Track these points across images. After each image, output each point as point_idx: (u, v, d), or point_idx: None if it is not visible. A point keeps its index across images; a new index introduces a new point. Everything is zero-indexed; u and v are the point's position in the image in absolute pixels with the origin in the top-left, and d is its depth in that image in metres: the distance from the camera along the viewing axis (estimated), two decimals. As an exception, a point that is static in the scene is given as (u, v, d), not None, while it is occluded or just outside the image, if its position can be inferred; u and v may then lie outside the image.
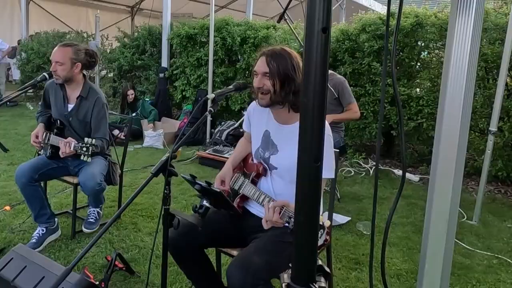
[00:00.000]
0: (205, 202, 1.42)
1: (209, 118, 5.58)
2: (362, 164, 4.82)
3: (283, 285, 0.68)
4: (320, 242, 1.21)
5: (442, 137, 1.06)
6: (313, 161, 0.62)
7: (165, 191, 1.28)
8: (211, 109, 1.46)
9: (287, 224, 1.41)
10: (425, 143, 4.71)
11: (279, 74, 1.59)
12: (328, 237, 1.28)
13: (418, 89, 4.70)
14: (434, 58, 4.72)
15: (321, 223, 1.24)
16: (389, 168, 4.74)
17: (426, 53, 4.78)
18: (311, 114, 0.61)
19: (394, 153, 5.18)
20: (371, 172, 4.62)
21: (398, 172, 4.61)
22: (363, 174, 4.57)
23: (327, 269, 0.69)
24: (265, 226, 1.49)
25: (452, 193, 1.06)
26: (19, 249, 1.93)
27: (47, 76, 2.46)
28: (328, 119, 3.24)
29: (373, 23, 4.72)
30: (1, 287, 1.82)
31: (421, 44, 4.61)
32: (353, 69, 4.81)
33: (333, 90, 3.29)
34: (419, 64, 4.84)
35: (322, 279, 0.67)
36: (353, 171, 4.65)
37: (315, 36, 0.58)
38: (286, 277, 0.68)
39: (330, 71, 3.50)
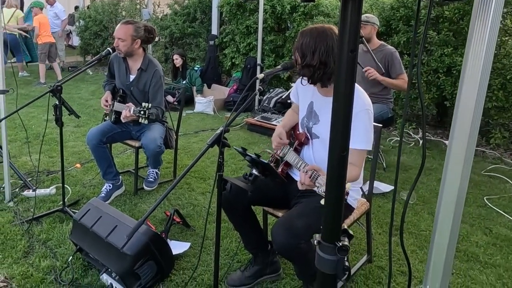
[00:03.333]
0: (254, 171, 1.59)
1: (257, 97, 5.72)
2: (412, 134, 4.75)
3: (315, 241, 0.86)
4: None
5: (461, 102, 1.07)
6: (341, 152, 0.78)
7: (219, 160, 1.46)
8: (260, 87, 1.58)
9: (315, 189, 1.55)
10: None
11: (297, 49, 1.75)
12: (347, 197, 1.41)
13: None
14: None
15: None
16: (440, 139, 4.64)
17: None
18: (340, 116, 0.76)
19: (447, 123, 5.02)
20: (420, 142, 4.55)
21: (449, 143, 4.49)
22: (411, 145, 4.52)
23: (351, 232, 0.84)
24: (300, 187, 1.66)
25: (466, 154, 1.08)
26: (94, 202, 2.26)
27: (111, 50, 2.71)
28: (377, 78, 3.24)
29: (432, -13, 4.45)
30: (82, 232, 2.16)
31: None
32: (408, 38, 4.63)
33: (380, 66, 3.20)
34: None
35: (346, 239, 0.83)
36: (401, 141, 4.60)
37: (345, 56, 0.70)
38: (318, 236, 0.85)
39: (380, 42, 3.43)
